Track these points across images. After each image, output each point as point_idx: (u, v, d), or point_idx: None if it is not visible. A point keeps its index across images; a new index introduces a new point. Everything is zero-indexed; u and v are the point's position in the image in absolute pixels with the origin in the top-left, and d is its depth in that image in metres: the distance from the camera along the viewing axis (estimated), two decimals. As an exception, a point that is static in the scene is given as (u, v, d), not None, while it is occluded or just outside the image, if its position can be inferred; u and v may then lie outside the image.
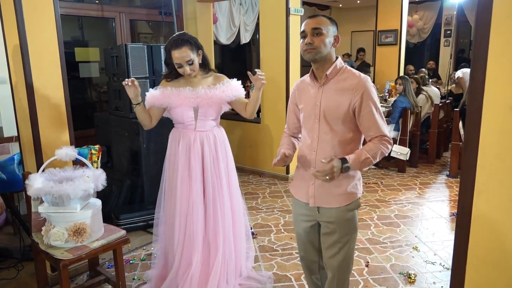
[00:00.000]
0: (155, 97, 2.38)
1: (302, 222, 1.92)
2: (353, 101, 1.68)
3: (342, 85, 1.71)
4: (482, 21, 1.39)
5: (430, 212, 3.92)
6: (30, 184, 2.11)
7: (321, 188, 1.78)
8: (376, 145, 1.68)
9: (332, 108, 1.71)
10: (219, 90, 2.36)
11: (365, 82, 1.69)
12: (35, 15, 2.43)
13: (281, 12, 4.60)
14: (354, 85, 1.68)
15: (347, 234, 1.82)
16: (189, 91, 2.33)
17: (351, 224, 1.82)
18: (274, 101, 4.89)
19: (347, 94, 1.69)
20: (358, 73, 1.73)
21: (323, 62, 1.72)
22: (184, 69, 2.26)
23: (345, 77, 1.73)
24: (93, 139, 4.02)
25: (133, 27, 5.41)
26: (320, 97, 1.74)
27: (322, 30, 1.67)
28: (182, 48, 2.23)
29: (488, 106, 1.43)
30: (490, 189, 1.48)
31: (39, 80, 2.48)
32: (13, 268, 2.90)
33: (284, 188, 4.68)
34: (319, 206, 1.81)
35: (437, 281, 2.70)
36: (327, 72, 1.72)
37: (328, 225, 1.82)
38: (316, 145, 1.77)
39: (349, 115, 1.70)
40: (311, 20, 1.71)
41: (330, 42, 1.69)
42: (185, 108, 2.34)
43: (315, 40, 1.67)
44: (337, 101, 1.70)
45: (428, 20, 9.91)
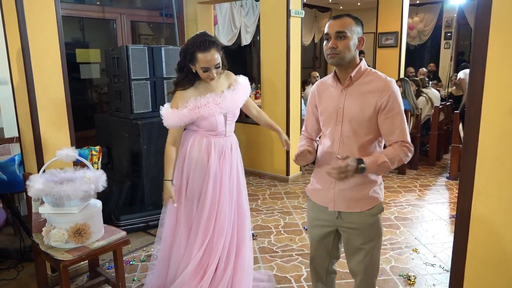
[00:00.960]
0: (182, 116, 2.14)
1: (318, 227, 1.88)
2: (378, 104, 1.63)
3: (367, 88, 1.66)
4: (481, 24, 1.40)
5: (430, 214, 3.92)
6: (30, 185, 2.12)
7: (342, 192, 1.73)
8: (396, 150, 1.63)
9: (356, 111, 1.66)
10: (239, 90, 2.29)
11: (391, 85, 1.64)
12: (37, 16, 2.43)
13: (282, 14, 4.61)
14: (380, 87, 1.63)
15: (372, 239, 1.77)
16: (215, 96, 2.18)
17: (374, 229, 1.78)
18: (274, 103, 4.90)
19: (373, 96, 1.64)
20: (384, 76, 1.68)
21: (347, 65, 1.67)
22: (210, 73, 2.09)
23: (370, 79, 1.67)
24: (93, 140, 4.03)
25: (134, 29, 5.43)
26: (344, 100, 1.70)
27: (346, 33, 1.60)
28: (211, 50, 2.06)
29: (487, 108, 1.44)
30: (489, 191, 1.48)
31: (40, 81, 2.49)
32: (13, 268, 2.90)
33: (284, 190, 4.69)
34: (340, 211, 1.76)
35: (436, 283, 2.70)
36: (351, 74, 1.66)
37: (350, 231, 1.77)
38: (337, 148, 1.72)
39: (374, 118, 1.66)
40: (336, 22, 1.64)
41: (354, 44, 1.63)
42: (217, 115, 2.18)
43: (339, 44, 1.61)
44: (362, 104, 1.65)
45: (429, 23, 9.93)
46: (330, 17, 1.86)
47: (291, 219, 3.83)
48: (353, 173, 1.56)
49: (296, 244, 3.29)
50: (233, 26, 6.96)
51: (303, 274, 2.83)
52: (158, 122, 3.51)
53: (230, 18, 6.87)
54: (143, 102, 3.51)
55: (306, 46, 9.63)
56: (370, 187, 1.73)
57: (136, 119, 3.46)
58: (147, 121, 3.47)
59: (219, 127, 2.22)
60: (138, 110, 3.49)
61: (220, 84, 2.26)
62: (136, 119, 3.46)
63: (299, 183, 4.93)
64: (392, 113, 1.63)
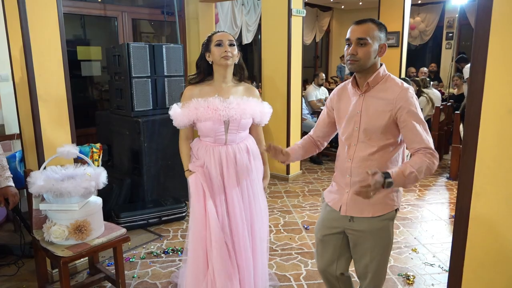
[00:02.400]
0: (183, 115, 2.09)
1: (326, 229, 1.87)
2: (393, 113, 1.60)
3: (383, 95, 1.64)
4: (481, 24, 1.40)
5: (429, 214, 3.92)
6: (31, 181, 2.12)
7: (356, 196, 1.62)
8: (421, 158, 1.55)
9: (372, 118, 1.64)
10: (253, 102, 2.13)
11: (406, 93, 1.59)
12: (38, 13, 2.44)
13: (283, 13, 4.61)
14: (395, 96, 1.60)
15: (380, 245, 1.75)
16: (219, 101, 2.05)
17: (384, 235, 1.75)
18: (274, 101, 4.89)
19: (388, 105, 1.61)
20: (401, 83, 1.64)
21: (366, 72, 1.65)
22: (224, 47, 2.01)
23: (387, 86, 1.65)
24: (94, 138, 4.03)
25: (135, 26, 5.43)
26: (361, 105, 1.68)
27: (367, 40, 1.57)
28: (225, 33, 2.10)
29: (486, 109, 1.44)
30: (487, 191, 1.49)
31: (41, 78, 2.50)
32: (13, 265, 2.91)
33: (284, 189, 4.69)
34: (352, 216, 1.75)
35: (435, 283, 2.71)
36: (368, 80, 1.65)
37: (358, 234, 1.75)
38: (353, 153, 1.71)
39: (390, 126, 1.63)
40: (358, 27, 1.60)
41: (375, 51, 1.60)
42: (215, 122, 2.05)
43: (359, 51, 1.58)
44: (378, 111, 1.63)
45: (430, 23, 9.92)
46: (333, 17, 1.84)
47: (290, 218, 3.84)
48: (380, 187, 1.48)
49: (296, 243, 3.30)
50: (234, 24, 6.96)
51: (302, 272, 2.84)
52: (159, 120, 3.54)
53: (231, 17, 6.87)
54: (143, 100, 3.52)
55: (307, 45, 9.63)
56: (386, 192, 1.68)
57: (136, 116, 3.47)
58: (148, 119, 3.48)
59: (216, 134, 2.09)
60: (138, 108, 3.49)
61: (234, 92, 2.11)
62: (137, 116, 3.47)
63: (299, 182, 4.93)
64: (407, 122, 1.58)
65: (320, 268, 1.96)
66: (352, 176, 1.72)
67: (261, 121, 2.22)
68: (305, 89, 6.34)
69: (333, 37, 11.10)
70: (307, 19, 8.71)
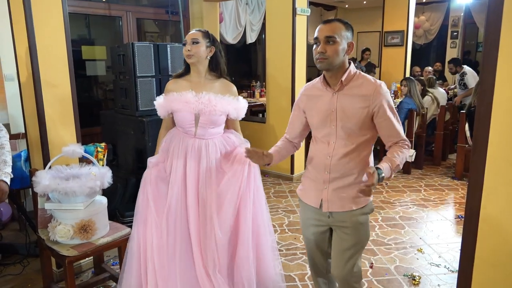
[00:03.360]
0: (161, 106, 2.28)
1: (312, 227, 1.89)
2: (371, 108, 1.68)
3: (357, 91, 1.69)
4: (492, 22, 1.38)
5: (435, 214, 3.90)
6: (37, 180, 2.13)
7: (335, 192, 1.76)
8: (401, 150, 1.68)
9: (349, 114, 1.69)
10: (226, 101, 2.23)
11: (381, 89, 1.68)
12: (44, 13, 2.44)
13: (288, 12, 4.60)
14: (371, 91, 1.67)
15: (360, 241, 1.81)
16: (192, 95, 2.19)
17: (364, 230, 1.80)
18: (279, 101, 4.89)
19: (364, 101, 1.67)
20: (374, 79, 1.71)
21: (337, 69, 1.69)
22: (187, 46, 2.16)
23: (360, 83, 1.71)
24: (99, 137, 4.04)
25: (140, 26, 5.43)
26: (336, 103, 1.72)
27: (336, 38, 1.62)
28: (194, 31, 2.23)
29: (497, 108, 1.42)
30: (498, 191, 1.47)
31: (46, 77, 2.50)
32: (18, 264, 2.92)
33: (288, 188, 4.68)
34: (332, 211, 1.78)
35: (441, 284, 2.69)
36: (342, 79, 1.69)
37: (342, 229, 1.79)
38: (332, 150, 1.75)
39: (367, 121, 1.70)
40: (325, 26, 1.65)
41: (343, 49, 1.65)
42: (185, 113, 2.20)
43: (328, 49, 1.63)
44: (354, 107, 1.69)
45: (435, 22, 9.86)
46: (337, 16, 1.86)
47: (295, 217, 3.83)
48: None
49: (301, 243, 3.29)
50: (238, 24, 6.95)
51: (307, 272, 2.83)
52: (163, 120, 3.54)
53: (236, 16, 6.86)
54: (148, 100, 3.51)
55: (312, 44, 9.60)
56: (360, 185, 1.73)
57: (141, 116, 3.46)
58: (153, 118, 3.47)
59: (185, 125, 2.23)
60: (143, 107, 3.49)
61: (209, 88, 2.22)
62: (142, 116, 3.46)
63: (304, 182, 4.91)
64: (386, 117, 1.68)
65: (313, 265, 2.01)
66: (331, 173, 1.75)
67: (237, 116, 2.32)
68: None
69: (337, 37, 11.04)
70: (311, 18, 8.66)
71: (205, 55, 2.21)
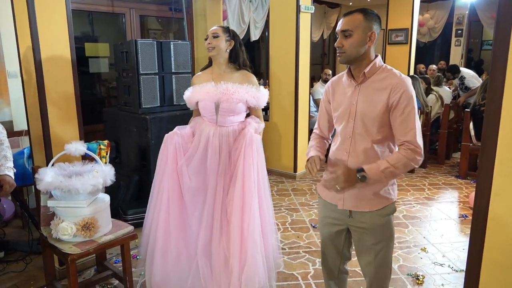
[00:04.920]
0: (188, 98, 2.46)
1: (329, 225, 1.87)
2: (390, 101, 1.60)
3: (380, 85, 1.63)
4: (503, 20, 1.35)
5: (438, 213, 3.88)
6: (39, 178, 2.12)
7: (352, 190, 1.70)
8: (398, 154, 1.60)
9: (368, 108, 1.64)
10: (243, 89, 2.34)
11: (406, 82, 1.60)
12: (47, 10, 2.43)
13: (291, 10, 4.57)
14: (393, 84, 1.60)
15: (382, 240, 1.75)
16: (212, 86, 2.35)
17: (386, 230, 1.75)
18: (282, 99, 4.87)
19: (385, 93, 1.61)
20: (399, 73, 1.64)
21: (359, 62, 1.65)
22: (208, 40, 2.33)
23: (384, 76, 1.64)
24: (101, 135, 4.03)
25: (143, 23, 5.42)
26: (357, 96, 1.67)
27: (351, 32, 1.59)
28: (215, 27, 2.38)
29: (507, 107, 1.39)
30: (507, 191, 1.44)
31: (49, 74, 2.49)
32: (21, 261, 2.92)
33: (291, 187, 4.67)
34: (351, 210, 1.75)
35: (445, 283, 2.67)
36: (365, 71, 1.64)
37: (360, 231, 1.75)
38: (348, 146, 1.71)
39: (386, 116, 1.63)
40: (344, 19, 1.63)
41: (361, 42, 1.60)
42: (207, 102, 2.35)
43: (344, 43, 1.61)
44: (374, 100, 1.63)
45: (439, 19, 9.80)
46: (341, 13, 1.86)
47: (298, 216, 3.81)
48: (354, 181, 1.59)
49: (303, 242, 3.28)
50: (242, 21, 6.93)
51: (310, 271, 2.82)
52: (166, 117, 3.52)
53: (239, 13, 6.83)
54: (151, 97, 3.51)
55: (315, 42, 9.57)
56: (379, 186, 1.70)
57: (144, 113, 3.45)
58: (156, 115, 3.46)
59: (207, 114, 2.39)
60: (146, 104, 3.48)
61: (228, 78, 2.37)
62: (145, 113, 3.45)
63: (307, 180, 4.90)
64: (403, 111, 1.58)
65: (325, 264, 1.98)
66: None
67: (258, 104, 2.43)
68: (312, 87, 6.30)
69: (340, 34, 11.00)
70: (315, 16, 8.64)
71: (225, 48, 2.35)
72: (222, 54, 2.35)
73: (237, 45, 2.39)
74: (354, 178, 1.58)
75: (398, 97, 1.58)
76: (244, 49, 2.45)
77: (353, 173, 1.59)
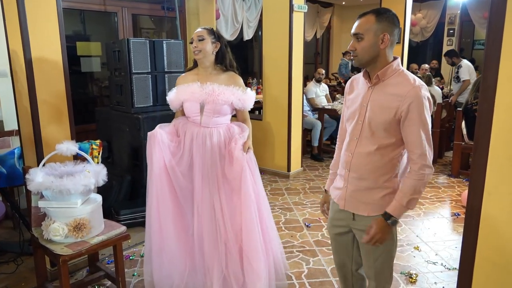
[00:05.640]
0: (172, 99, 2.44)
1: (335, 227, 1.86)
2: (399, 110, 1.53)
3: (392, 90, 1.57)
4: (495, 20, 1.36)
5: (431, 212, 3.90)
6: (30, 178, 2.09)
7: (354, 193, 1.70)
8: (410, 180, 1.56)
9: (377, 113, 1.59)
10: (229, 91, 2.33)
11: (418, 91, 1.50)
12: (37, 8, 2.40)
13: (285, 9, 4.57)
14: (405, 92, 1.52)
15: (384, 246, 1.71)
16: (197, 86, 2.33)
17: None
18: (276, 98, 4.87)
19: (395, 101, 1.54)
20: (414, 80, 1.55)
21: (374, 64, 1.60)
22: (193, 43, 2.31)
23: (398, 81, 1.57)
24: (94, 134, 4.00)
25: (135, 22, 5.38)
26: (369, 98, 1.63)
27: (362, 35, 1.56)
28: (200, 29, 2.36)
29: (500, 106, 1.39)
30: (500, 190, 1.45)
31: (40, 74, 2.46)
32: (12, 262, 2.89)
33: (285, 186, 4.66)
34: (354, 213, 1.73)
35: (438, 281, 2.69)
36: (378, 73, 1.59)
37: (361, 234, 1.73)
38: (354, 147, 1.68)
39: (394, 124, 1.57)
40: (356, 22, 1.59)
41: (373, 44, 1.55)
42: (192, 102, 2.34)
43: (356, 46, 1.58)
44: (384, 106, 1.57)
45: (432, 19, 9.87)
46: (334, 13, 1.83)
47: (292, 215, 3.81)
48: (388, 230, 1.60)
49: (297, 241, 3.27)
50: (235, 20, 6.91)
51: (304, 271, 2.82)
52: (159, 116, 3.50)
53: (233, 13, 6.82)
54: (144, 96, 3.48)
55: (308, 41, 9.58)
56: (381, 193, 1.66)
57: (137, 113, 3.43)
58: (148, 115, 3.44)
59: (192, 114, 2.37)
60: (139, 104, 3.46)
61: (215, 79, 2.35)
62: (137, 113, 3.43)
63: (300, 180, 4.91)
64: (411, 122, 1.52)
65: (337, 264, 1.97)
66: (350, 171, 1.70)
67: (244, 106, 2.41)
68: (305, 86, 6.30)
69: (334, 34, 11.04)
70: (308, 16, 8.65)
71: (211, 51, 2.34)
72: (209, 56, 2.34)
73: (223, 46, 2.38)
74: (387, 227, 1.59)
75: (406, 107, 1.51)
76: (230, 50, 2.43)
77: (384, 225, 1.59)
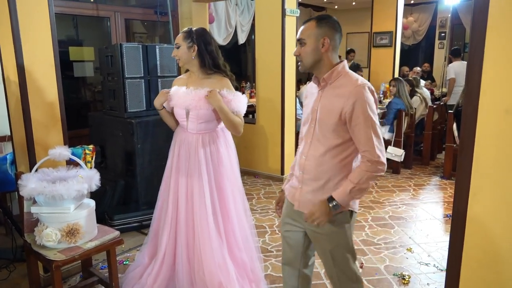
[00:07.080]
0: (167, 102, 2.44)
1: (288, 225, 1.88)
2: (344, 110, 1.57)
3: (338, 91, 1.61)
4: (478, 23, 1.39)
5: (424, 213, 3.93)
6: (23, 184, 2.09)
7: (307, 194, 1.73)
8: (362, 169, 1.58)
9: (325, 115, 1.63)
10: None
11: (360, 90, 1.55)
12: (29, 13, 2.40)
13: (277, 13, 4.60)
14: (348, 92, 1.57)
15: (340, 246, 1.74)
16: (183, 91, 2.31)
17: (340, 238, 1.73)
18: (269, 102, 4.89)
19: (340, 101, 1.58)
20: (356, 79, 1.60)
21: (318, 68, 1.66)
22: (172, 54, 2.35)
23: (342, 83, 1.62)
24: (87, 139, 3.99)
25: (128, 27, 5.38)
26: (319, 101, 1.68)
27: (305, 40, 1.62)
28: (179, 34, 2.34)
29: (483, 109, 1.43)
30: (485, 191, 1.48)
31: (32, 79, 2.46)
32: (4, 269, 2.87)
33: (279, 189, 4.68)
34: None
35: (431, 283, 2.71)
36: (324, 76, 1.64)
37: (316, 235, 1.75)
38: (307, 150, 1.72)
39: (341, 125, 1.60)
40: (300, 29, 1.67)
41: (316, 48, 1.61)
42: (177, 108, 2.34)
43: (300, 51, 1.65)
44: (330, 108, 1.61)
45: (423, 23, 9.97)
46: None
47: (285, 218, 3.82)
48: (329, 212, 1.62)
49: (291, 244, 3.28)
50: (228, 25, 6.93)
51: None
52: (152, 121, 3.51)
53: (226, 17, 6.84)
54: (137, 101, 3.49)
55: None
56: (331, 193, 1.65)
57: (130, 118, 3.43)
58: (141, 120, 3.44)
59: (180, 119, 2.38)
60: (132, 109, 3.46)
61: (201, 83, 2.29)
62: (130, 118, 3.43)
63: (294, 183, 4.91)
64: (357, 121, 1.56)
65: (285, 262, 1.95)
66: (304, 173, 1.73)
67: (237, 110, 2.30)
68: (299, 89, 6.34)
69: (326, 37, 11.08)
70: (301, 19, 8.68)
71: (190, 56, 2.28)
72: (191, 61, 2.29)
73: (202, 46, 2.26)
74: (328, 209, 1.62)
75: (350, 107, 1.55)
76: (214, 48, 2.30)
77: (325, 206, 1.62)
